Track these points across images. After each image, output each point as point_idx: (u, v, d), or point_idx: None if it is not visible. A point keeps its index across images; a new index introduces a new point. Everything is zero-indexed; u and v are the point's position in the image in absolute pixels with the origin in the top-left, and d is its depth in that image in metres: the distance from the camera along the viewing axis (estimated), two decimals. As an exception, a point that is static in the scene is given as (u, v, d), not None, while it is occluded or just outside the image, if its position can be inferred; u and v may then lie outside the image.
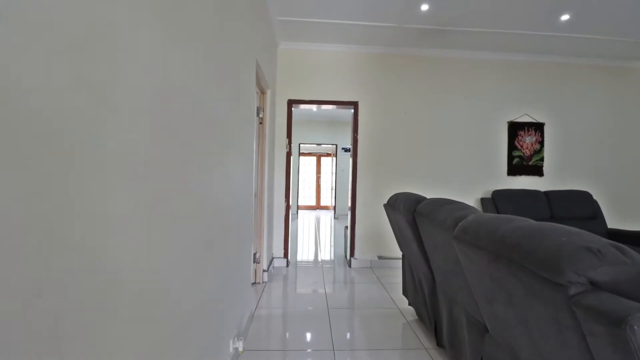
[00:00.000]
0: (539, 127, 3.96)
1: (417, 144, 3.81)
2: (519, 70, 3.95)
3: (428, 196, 3.79)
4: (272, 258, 3.57)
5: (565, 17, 3.00)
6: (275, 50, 3.57)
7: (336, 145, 8.09)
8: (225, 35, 1.51)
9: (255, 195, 2.97)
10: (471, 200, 3.88)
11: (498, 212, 3.64)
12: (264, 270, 3.08)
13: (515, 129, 3.94)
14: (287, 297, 2.81)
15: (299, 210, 9.24)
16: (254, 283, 3.01)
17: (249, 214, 2.23)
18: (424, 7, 2.88)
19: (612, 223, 3.97)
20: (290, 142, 3.72)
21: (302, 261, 4.06)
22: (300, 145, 8.20)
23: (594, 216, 3.67)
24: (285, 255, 3.68)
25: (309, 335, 2.13)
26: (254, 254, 2.97)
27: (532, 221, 0.96)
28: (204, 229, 1.24)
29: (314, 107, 3.96)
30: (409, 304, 2.41)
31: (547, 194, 3.76)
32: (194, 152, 1.12)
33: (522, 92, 3.96)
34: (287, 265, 3.68)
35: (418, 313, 2.22)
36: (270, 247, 3.42)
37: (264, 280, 3.08)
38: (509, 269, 0.89)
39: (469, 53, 3.86)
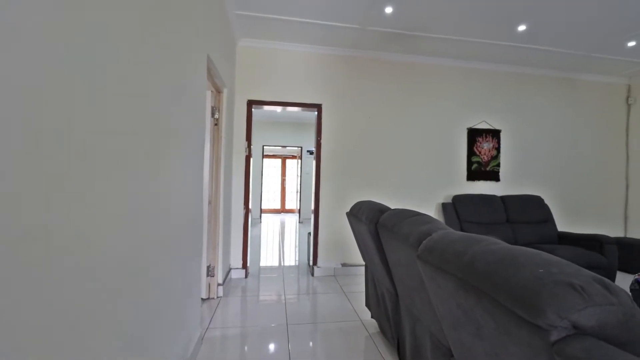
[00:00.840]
0: (495, 134, 4.09)
1: (381, 148, 3.77)
2: (479, 78, 4.05)
3: (392, 202, 3.76)
4: (230, 269, 3.33)
5: (522, 28, 3.09)
6: (234, 47, 3.35)
7: (301, 147, 7.94)
8: (161, 23, 1.30)
9: (210, 202, 2.73)
10: (433, 204, 3.91)
11: (458, 217, 3.69)
12: (219, 284, 2.84)
13: (474, 135, 4.03)
14: (244, 312, 2.59)
15: (263, 215, 8.97)
16: (207, 299, 2.76)
17: (199, 224, 2.01)
18: (388, 9, 2.82)
19: (561, 226, 4.19)
20: (250, 145, 3.51)
21: (264, 268, 3.85)
22: (264, 147, 7.94)
23: (545, 220, 3.84)
24: (244, 265, 3.45)
25: (264, 358, 1.95)
26: (208, 267, 2.73)
27: (502, 243, 0.87)
28: (128, 250, 1.02)
29: (278, 109, 3.77)
30: (372, 317, 2.31)
31: (503, 198, 3.88)
32: (113, 159, 0.91)
33: (481, 100, 4.06)
34: (246, 276, 3.46)
35: (381, 327, 2.12)
36: (227, 257, 3.18)
37: (219, 295, 2.84)
38: (478, 299, 0.78)
39: (432, 59, 3.89)
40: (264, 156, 8.15)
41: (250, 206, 3.83)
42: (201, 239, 2.06)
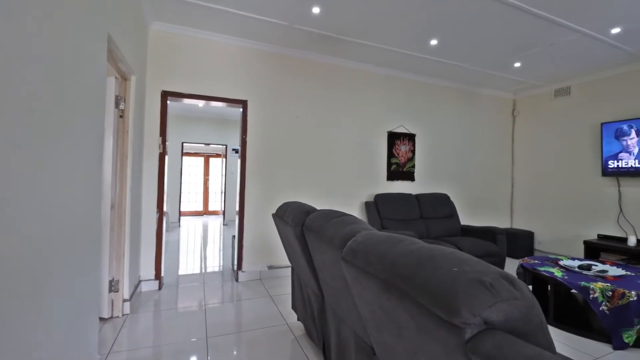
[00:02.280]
0: (411, 138, 4.44)
1: (308, 148, 3.77)
2: (398, 86, 4.35)
3: (319, 202, 3.79)
4: (139, 281, 2.95)
5: (434, 42, 3.40)
6: (145, 29, 2.97)
7: (226, 145, 7.55)
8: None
9: (113, 206, 2.36)
10: (357, 203, 4.06)
11: (379, 214, 3.90)
12: (125, 300, 2.48)
13: (393, 138, 4.31)
14: (157, 329, 2.31)
15: (182, 218, 8.30)
16: (110, 318, 2.39)
17: (95, 232, 1.70)
18: (316, 9, 2.81)
19: (463, 220, 4.76)
20: (164, 141, 3.16)
21: (184, 277, 3.52)
22: (184, 144, 7.33)
23: (451, 215, 4.31)
24: (158, 275, 3.09)
25: (179, 380, 1.75)
26: (111, 281, 2.36)
27: (420, 243, 0.89)
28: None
29: (200, 103, 3.48)
30: (298, 319, 2.27)
31: (417, 197, 4.24)
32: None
33: (400, 105, 4.37)
34: (160, 288, 3.10)
35: (307, 329, 2.09)
36: (135, 268, 2.81)
37: (125, 313, 2.49)
38: (400, 301, 0.79)
39: (357, 64, 4.04)
40: (183, 154, 7.53)
41: (166, 209, 3.46)
42: (99, 249, 1.76)
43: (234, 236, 3.58)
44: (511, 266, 4.10)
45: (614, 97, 4.08)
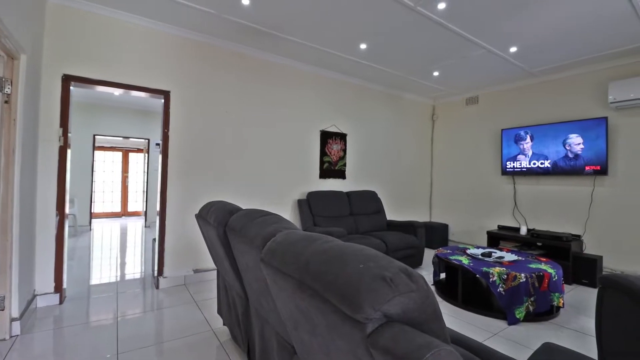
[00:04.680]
0: (343, 137, 4.59)
1: (238, 145, 3.63)
2: (332, 86, 4.45)
3: (250, 201, 3.69)
4: (34, 296, 2.54)
5: (363, 46, 3.54)
6: (42, 2, 2.54)
7: (149, 139, 6.90)
8: None
9: (-7, 209, 1.97)
10: (290, 201, 4.06)
11: (311, 212, 3.96)
12: (13, 319, 2.10)
13: (325, 137, 4.40)
14: (55, 350, 2.00)
15: (95, 220, 7.39)
16: (-9, 342, 2.00)
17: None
18: (245, 0, 2.71)
19: (389, 215, 5.08)
20: (66, 133, 2.75)
21: (96, 287, 3.12)
22: (97, 137, 6.51)
23: (378, 211, 4.57)
24: (59, 288, 2.69)
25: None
26: (-9, 299, 1.98)
27: (336, 241, 0.91)
28: None
29: (116, 91, 3.10)
30: (224, 324, 2.17)
31: (348, 194, 4.40)
32: None
33: (332, 105, 4.47)
34: (62, 302, 2.70)
35: (232, 333, 2.02)
36: (28, 281, 2.40)
37: (14, 334, 2.11)
38: (312, 300, 0.79)
39: (291, 61, 4.01)
40: (96, 148, 6.68)
41: (70, 211, 3.02)
42: (-31, 262, 1.45)
43: (154, 239, 3.29)
44: (429, 256, 4.51)
45: (513, 106, 4.74)
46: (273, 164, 3.91)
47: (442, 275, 3.47)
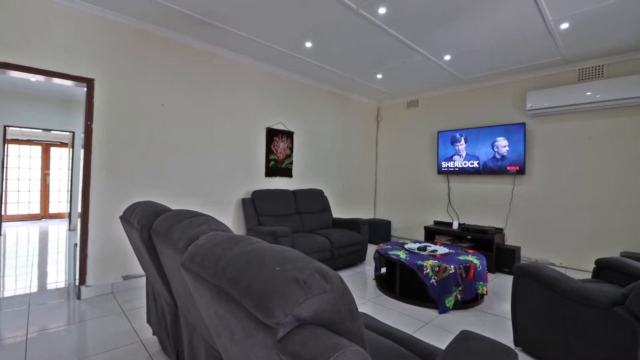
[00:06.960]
0: (290, 135, 4.55)
1: (176, 141, 3.40)
2: (278, 83, 4.37)
3: (187, 201, 3.47)
4: None
5: (309, 44, 3.53)
6: None
7: (74, 133, 6.18)
8: None
9: None
10: (234, 200, 3.92)
11: (256, 211, 3.86)
12: None
13: (271, 135, 4.33)
14: None
15: (7, 224, 6.46)
16: None
17: None
18: (180, -13, 2.53)
19: (335, 213, 5.17)
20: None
21: (5, 300, 2.69)
22: (8, 128, 5.66)
23: (325, 209, 4.62)
24: (-52, 304, 2.27)
25: None
26: None
27: (259, 244, 0.87)
28: None
29: (31, 77, 2.71)
30: (153, 334, 2.02)
31: (294, 192, 4.38)
32: None
33: (279, 102, 4.40)
34: (-48, 321, 2.29)
35: (162, 343, 1.88)
36: None
37: None
38: (228, 306, 0.75)
39: (237, 56, 3.86)
40: (7, 141, 5.82)
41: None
42: None
43: (75, 244, 2.94)
44: (372, 251, 4.67)
45: (448, 110, 5.09)
46: (215, 161, 3.73)
47: (383, 270, 3.62)
